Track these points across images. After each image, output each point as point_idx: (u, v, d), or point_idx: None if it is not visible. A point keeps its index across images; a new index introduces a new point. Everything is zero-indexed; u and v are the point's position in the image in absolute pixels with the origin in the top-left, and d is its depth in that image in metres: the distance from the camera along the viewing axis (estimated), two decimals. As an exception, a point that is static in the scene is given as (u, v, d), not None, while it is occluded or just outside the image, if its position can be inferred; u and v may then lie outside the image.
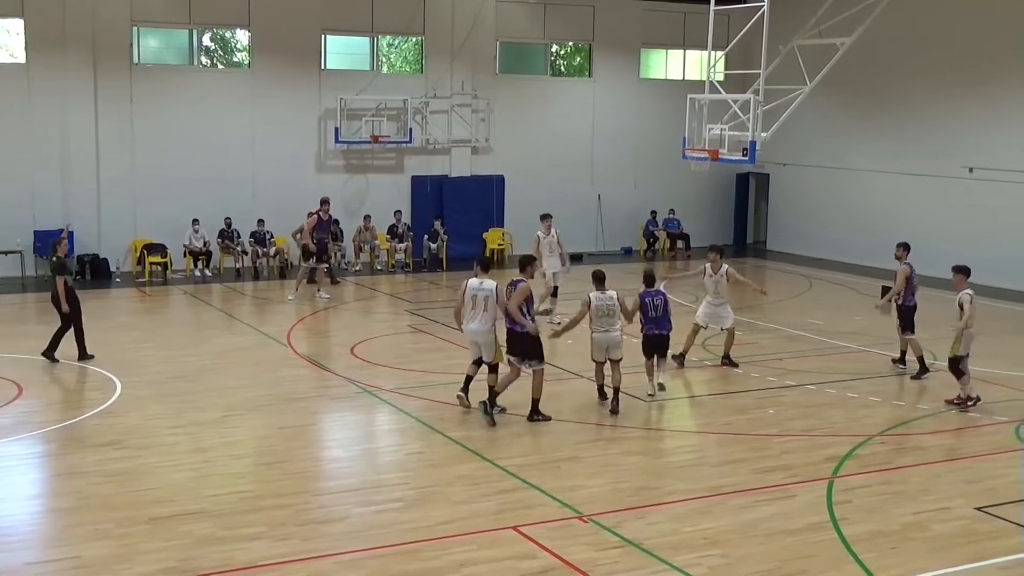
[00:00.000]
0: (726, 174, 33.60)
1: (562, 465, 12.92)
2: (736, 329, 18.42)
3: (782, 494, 12.01)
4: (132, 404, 15.28)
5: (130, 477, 12.30)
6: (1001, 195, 26.42)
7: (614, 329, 15.25)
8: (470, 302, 14.71)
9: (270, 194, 28.31)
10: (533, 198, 31.14)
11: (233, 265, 27.48)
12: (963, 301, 15.34)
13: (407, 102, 29.68)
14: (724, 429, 14.55)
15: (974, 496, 12.04)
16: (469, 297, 14.70)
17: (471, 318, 14.71)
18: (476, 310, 14.67)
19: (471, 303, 14.70)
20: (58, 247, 18.22)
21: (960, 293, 15.47)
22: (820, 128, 31.36)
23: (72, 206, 26.44)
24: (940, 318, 17.72)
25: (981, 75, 26.99)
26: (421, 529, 10.80)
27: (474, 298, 14.66)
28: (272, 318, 22.39)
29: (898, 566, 10.10)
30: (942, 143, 28.07)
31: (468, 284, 14.73)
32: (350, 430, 14.92)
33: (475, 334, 14.75)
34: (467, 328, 14.80)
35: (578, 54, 33.92)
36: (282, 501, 11.54)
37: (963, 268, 15.83)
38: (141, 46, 27.74)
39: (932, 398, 16.19)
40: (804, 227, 32.53)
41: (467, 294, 14.69)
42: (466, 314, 14.75)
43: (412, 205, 30.42)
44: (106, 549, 10.18)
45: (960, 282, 15.66)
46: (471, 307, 14.71)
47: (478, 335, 14.73)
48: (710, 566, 10.04)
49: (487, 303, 14.62)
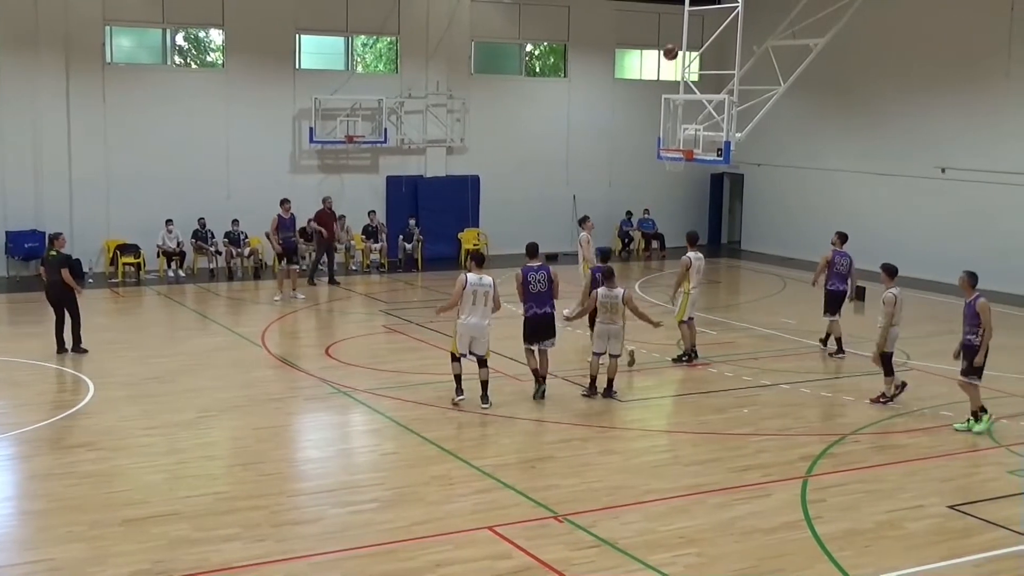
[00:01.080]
0: (701, 174, 33.68)
1: (537, 465, 12.93)
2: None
3: (757, 493, 12.05)
4: (105, 405, 15.19)
5: (103, 479, 12.22)
6: (973, 195, 26.59)
7: (616, 323, 15.59)
8: (470, 297, 14.81)
9: (244, 194, 28.18)
10: (508, 198, 31.25)
11: (207, 266, 27.35)
12: (887, 299, 15.54)
13: (382, 102, 29.63)
14: (699, 428, 14.59)
15: (948, 494, 12.13)
16: (470, 292, 14.80)
17: (471, 312, 14.84)
18: (477, 305, 14.82)
19: (471, 298, 14.81)
20: (55, 241, 18.47)
21: (885, 291, 15.65)
22: (794, 129, 31.49)
23: (44, 206, 26.24)
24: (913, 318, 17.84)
25: (954, 76, 27.17)
26: (397, 530, 10.78)
27: (475, 293, 14.80)
28: (246, 319, 22.30)
29: (872, 564, 10.15)
30: (915, 144, 28.24)
31: (467, 279, 14.82)
32: (325, 431, 14.88)
33: (476, 328, 14.91)
34: (468, 322, 14.88)
35: (553, 54, 33.95)
36: (257, 502, 11.49)
37: (888, 267, 15.99)
38: (114, 45, 27.58)
39: (906, 397, 16.26)
40: (778, 227, 32.67)
41: (467, 289, 14.79)
42: (465, 309, 14.83)
43: (387, 205, 30.35)
44: (80, 551, 10.11)
45: (886, 280, 15.81)
46: (471, 302, 14.82)
47: (478, 329, 14.90)
48: (686, 565, 10.06)
49: (487, 298, 14.85)
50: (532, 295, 15.71)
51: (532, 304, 15.76)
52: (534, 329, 15.79)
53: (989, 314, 14.21)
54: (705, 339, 19.46)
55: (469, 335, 14.95)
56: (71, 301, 18.19)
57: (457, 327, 15.00)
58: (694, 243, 18.61)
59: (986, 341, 14.23)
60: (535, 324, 15.76)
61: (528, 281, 15.71)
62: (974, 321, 14.22)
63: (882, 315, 15.64)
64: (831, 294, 18.98)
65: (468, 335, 14.95)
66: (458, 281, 14.97)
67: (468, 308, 14.84)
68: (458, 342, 15.01)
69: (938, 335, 19.77)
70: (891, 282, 15.78)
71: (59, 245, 18.41)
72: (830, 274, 19.03)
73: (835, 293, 18.98)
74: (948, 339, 19.13)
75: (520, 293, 15.85)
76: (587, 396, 15.84)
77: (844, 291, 19.01)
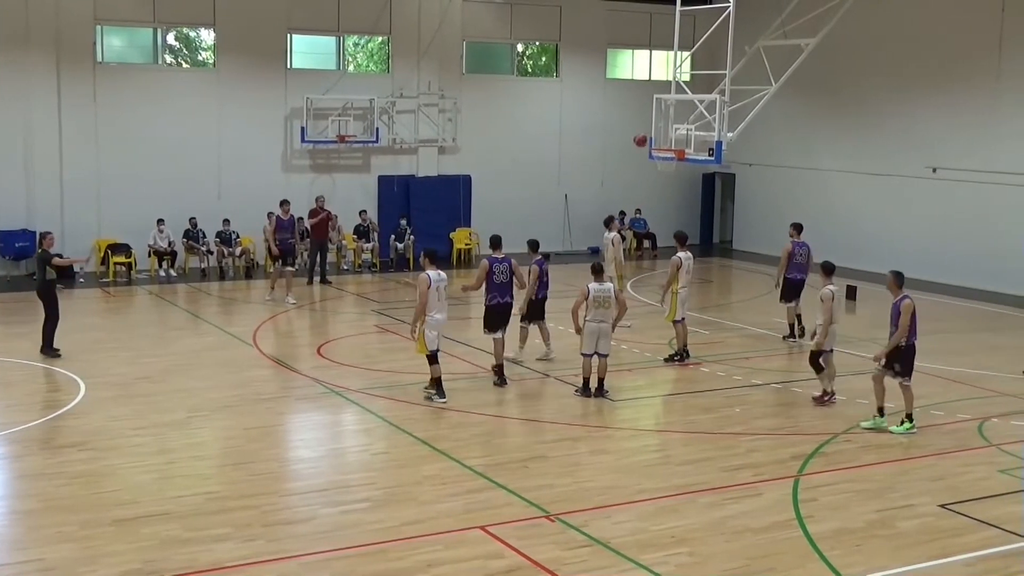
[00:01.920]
0: (692, 174, 33.71)
1: (529, 464, 12.93)
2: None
3: (749, 492, 12.06)
4: (96, 405, 15.15)
5: (94, 479, 12.20)
6: (965, 195, 26.65)
7: (606, 321, 15.61)
8: (435, 294, 15.03)
9: (236, 194, 28.14)
10: (500, 198, 31.23)
11: (198, 265, 27.29)
12: (824, 296, 15.50)
13: (374, 102, 29.62)
14: (691, 428, 14.60)
15: (938, 493, 12.15)
16: (434, 290, 15.02)
17: (439, 309, 15.10)
18: (441, 301, 15.13)
19: (436, 295, 15.04)
20: (43, 240, 18.44)
21: (822, 288, 15.63)
22: (786, 128, 31.54)
23: (35, 206, 26.20)
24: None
25: (945, 76, 27.23)
26: (388, 529, 10.77)
27: (438, 290, 15.09)
28: (238, 318, 22.26)
29: (862, 563, 10.16)
30: (906, 144, 28.29)
31: (431, 277, 15.06)
32: (316, 430, 14.86)
33: (442, 324, 15.27)
34: (436, 319, 15.11)
35: (544, 54, 33.95)
36: (248, 502, 11.47)
37: (826, 265, 15.99)
38: (105, 45, 27.51)
39: (897, 396, 16.28)
40: (770, 227, 32.59)
41: (432, 287, 14.98)
42: (432, 306, 15.01)
43: (379, 205, 30.34)
44: (70, 551, 10.08)
45: (823, 278, 15.81)
46: (437, 299, 15.06)
47: (443, 324, 15.32)
48: (677, 564, 10.07)
49: (446, 292, 15.35)
50: (496, 285, 16.40)
51: (496, 294, 16.45)
52: (497, 317, 16.44)
53: (908, 316, 14.15)
54: (697, 339, 19.48)
55: (438, 330, 15.26)
56: (50, 302, 18.08)
57: (427, 325, 15.07)
58: (683, 243, 18.65)
59: (896, 340, 14.20)
60: (498, 312, 16.45)
61: (493, 272, 16.37)
62: (899, 321, 14.23)
63: (820, 312, 15.59)
64: (790, 282, 19.78)
65: (437, 330, 15.22)
66: (422, 280, 15.13)
67: (435, 305, 15.07)
68: (428, 340, 15.14)
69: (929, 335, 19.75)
70: (828, 280, 15.72)
71: (47, 245, 18.37)
72: (790, 265, 19.75)
73: (794, 282, 19.77)
74: (939, 339, 19.26)
75: (484, 282, 16.41)
76: (580, 396, 15.82)
77: (803, 280, 19.79)
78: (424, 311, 15.02)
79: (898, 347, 14.28)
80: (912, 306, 14.25)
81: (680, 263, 18.07)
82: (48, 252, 18.30)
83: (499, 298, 16.47)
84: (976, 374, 17.79)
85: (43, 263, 18.18)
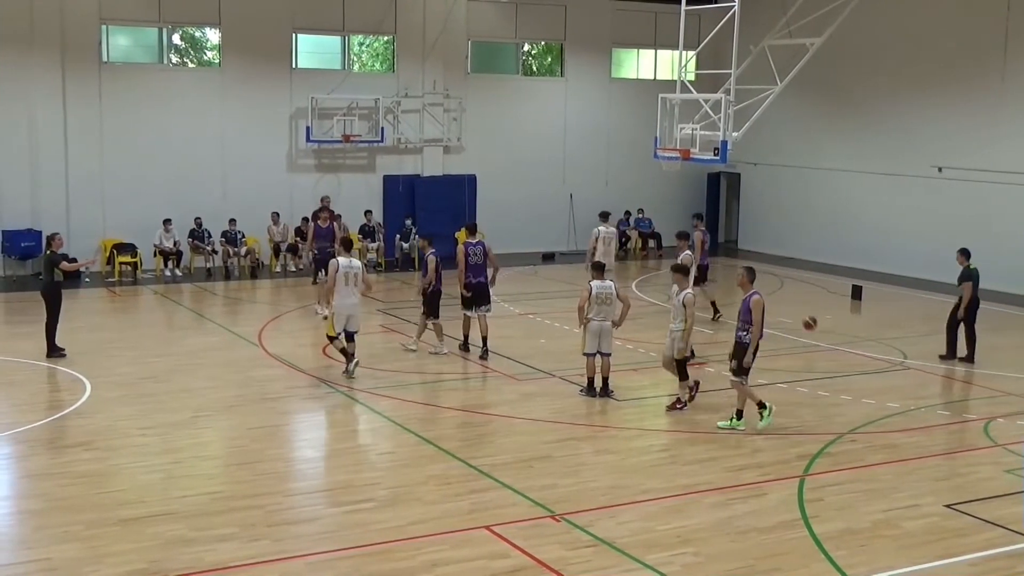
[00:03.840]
0: (697, 174, 33.66)
1: (534, 464, 12.92)
2: None
3: (754, 492, 12.05)
4: (101, 405, 15.16)
5: (99, 479, 12.21)
6: (970, 195, 26.59)
7: (608, 319, 15.57)
8: (343, 279, 16.36)
9: (241, 194, 28.16)
10: (505, 197, 31.23)
11: (204, 265, 27.32)
12: (687, 300, 15.08)
13: (379, 101, 29.62)
14: (696, 428, 14.58)
15: (944, 494, 12.13)
16: (342, 275, 16.35)
17: (345, 294, 16.43)
18: (349, 286, 16.44)
19: (343, 280, 16.37)
20: (52, 242, 18.46)
21: (683, 293, 15.22)
22: (791, 128, 31.49)
23: (40, 206, 26.22)
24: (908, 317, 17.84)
25: (950, 76, 27.17)
26: (393, 529, 10.77)
27: (346, 275, 16.40)
28: (243, 318, 22.28)
29: (868, 563, 10.15)
30: (911, 143, 28.24)
31: (339, 263, 16.42)
32: (321, 430, 14.87)
33: (351, 308, 16.56)
34: (344, 303, 16.43)
35: (549, 53, 33.93)
36: (253, 502, 11.48)
37: (680, 267, 15.82)
38: (110, 44, 27.52)
39: (902, 396, 16.28)
40: (775, 226, 32.66)
41: (339, 272, 16.35)
42: (339, 292, 16.39)
43: (384, 204, 30.34)
44: (75, 551, 10.10)
45: (680, 281, 15.49)
46: (344, 284, 16.41)
47: (353, 308, 16.59)
48: (682, 564, 10.06)
49: (357, 279, 16.56)
50: (471, 267, 18.11)
51: (470, 274, 18.12)
52: (472, 296, 18.12)
53: (761, 313, 14.02)
54: (701, 338, 19.46)
55: (346, 314, 16.52)
56: (55, 304, 18.03)
57: (335, 309, 16.48)
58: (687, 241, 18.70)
59: (754, 339, 14.08)
60: (473, 291, 18.12)
61: (468, 254, 18.08)
62: (747, 317, 14.10)
63: (684, 317, 15.06)
64: (703, 268, 21.83)
65: (345, 314, 16.50)
66: (331, 266, 16.59)
67: (342, 290, 16.42)
68: (335, 323, 16.47)
69: (934, 335, 19.77)
70: (686, 282, 15.42)
71: (56, 246, 18.38)
72: (703, 253, 21.93)
73: (705, 268, 22.30)
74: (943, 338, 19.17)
75: (461, 264, 18.02)
76: (585, 395, 15.80)
77: (708, 264, 22.68)
78: (331, 294, 16.51)
79: (738, 343, 14.17)
80: (762, 302, 14.09)
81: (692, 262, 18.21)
82: (56, 254, 18.29)
83: (473, 278, 18.10)
84: (981, 374, 17.76)
85: (51, 265, 18.13)
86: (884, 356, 18.74)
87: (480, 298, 18.26)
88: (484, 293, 18.31)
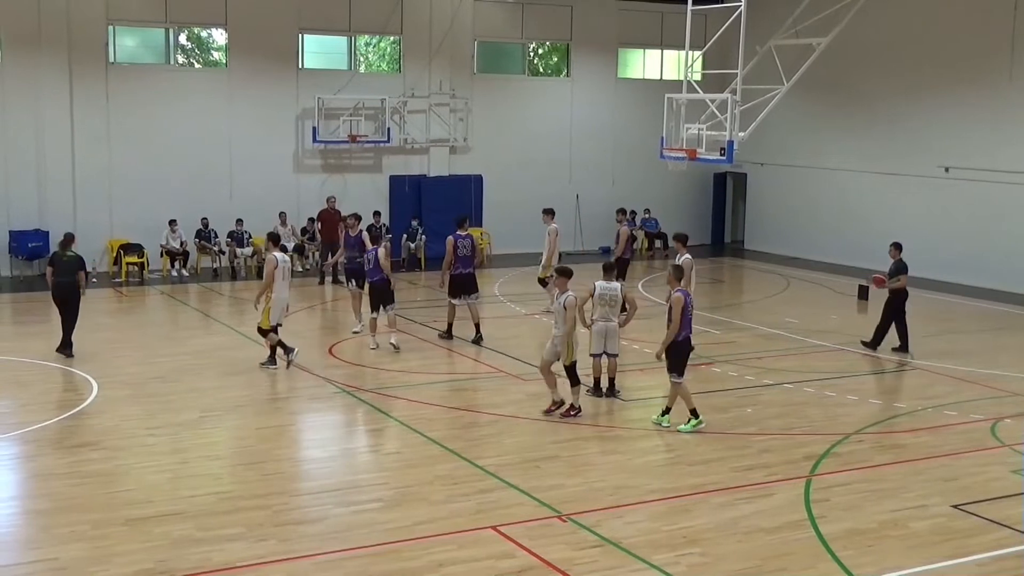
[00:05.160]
0: (704, 174, 33.66)
1: (541, 464, 12.92)
2: None
3: (761, 492, 12.04)
4: (109, 405, 15.19)
5: (107, 478, 12.23)
6: (977, 195, 26.56)
7: (613, 320, 15.55)
8: (280, 274, 17.18)
9: (247, 194, 28.21)
10: (511, 198, 31.24)
11: (210, 265, 27.36)
12: (567, 304, 14.65)
13: (385, 101, 29.64)
14: (702, 428, 14.56)
15: (951, 494, 12.10)
16: (280, 271, 17.18)
17: (282, 289, 17.28)
18: (285, 280, 17.36)
19: (281, 275, 17.19)
20: (71, 243, 18.58)
21: (564, 295, 14.79)
22: (797, 128, 31.47)
23: (48, 206, 26.28)
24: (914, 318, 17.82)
25: (957, 76, 27.13)
26: (400, 529, 10.78)
27: (283, 270, 17.29)
28: (249, 318, 22.18)
29: (875, 564, 10.14)
30: (918, 143, 28.21)
31: (277, 259, 17.22)
32: (328, 430, 14.88)
33: (286, 301, 17.55)
34: (281, 296, 17.27)
35: (555, 53, 33.93)
36: (260, 502, 11.49)
37: (564, 269, 15.39)
38: (117, 45, 27.57)
39: (909, 396, 16.27)
40: (781, 226, 32.63)
41: (278, 268, 17.13)
42: (276, 286, 17.14)
43: (390, 204, 30.36)
44: (83, 551, 10.12)
45: (560, 283, 15.09)
46: (281, 278, 17.23)
47: (287, 302, 17.62)
48: (689, 564, 10.06)
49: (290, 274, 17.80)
50: (460, 258, 19.23)
51: (459, 265, 19.27)
52: (460, 285, 19.31)
53: (678, 311, 14.06)
54: (708, 338, 19.47)
55: (281, 307, 17.38)
56: (75, 302, 18.20)
57: (273, 302, 17.17)
58: (685, 244, 18.58)
59: (669, 336, 14.16)
60: (461, 281, 19.33)
61: (458, 246, 19.19)
62: (671, 315, 14.21)
63: (562, 321, 14.66)
64: (623, 263, 22.06)
65: (280, 307, 17.35)
66: (268, 262, 17.29)
67: (279, 284, 17.23)
68: (272, 315, 17.21)
69: (940, 335, 19.77)
70: (566, 285, 15.07)
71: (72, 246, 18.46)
72: (628, 247, 22.64)
73: (625, 263, 22.51)
74: (951, 339, 19.23)
75: (451, 255, 19.06)
76: (591, 396, 15.80)
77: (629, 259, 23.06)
78: (269, 288, 17.12)
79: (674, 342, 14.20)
80: (682, 299, 14.14)
81: (692, 264, 18.04)
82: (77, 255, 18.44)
83: (462, 269, 19.31)
84: (988, 374, 17.73)
85: (80, 268, 18.28)
86: (891, 356, 18.73)
87: (469, 287, 19.45)
88: (472, 282, 19.50)
